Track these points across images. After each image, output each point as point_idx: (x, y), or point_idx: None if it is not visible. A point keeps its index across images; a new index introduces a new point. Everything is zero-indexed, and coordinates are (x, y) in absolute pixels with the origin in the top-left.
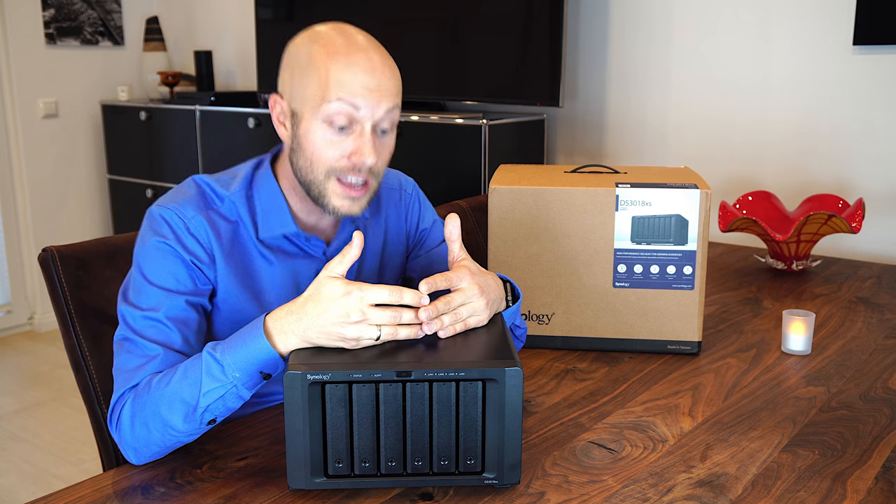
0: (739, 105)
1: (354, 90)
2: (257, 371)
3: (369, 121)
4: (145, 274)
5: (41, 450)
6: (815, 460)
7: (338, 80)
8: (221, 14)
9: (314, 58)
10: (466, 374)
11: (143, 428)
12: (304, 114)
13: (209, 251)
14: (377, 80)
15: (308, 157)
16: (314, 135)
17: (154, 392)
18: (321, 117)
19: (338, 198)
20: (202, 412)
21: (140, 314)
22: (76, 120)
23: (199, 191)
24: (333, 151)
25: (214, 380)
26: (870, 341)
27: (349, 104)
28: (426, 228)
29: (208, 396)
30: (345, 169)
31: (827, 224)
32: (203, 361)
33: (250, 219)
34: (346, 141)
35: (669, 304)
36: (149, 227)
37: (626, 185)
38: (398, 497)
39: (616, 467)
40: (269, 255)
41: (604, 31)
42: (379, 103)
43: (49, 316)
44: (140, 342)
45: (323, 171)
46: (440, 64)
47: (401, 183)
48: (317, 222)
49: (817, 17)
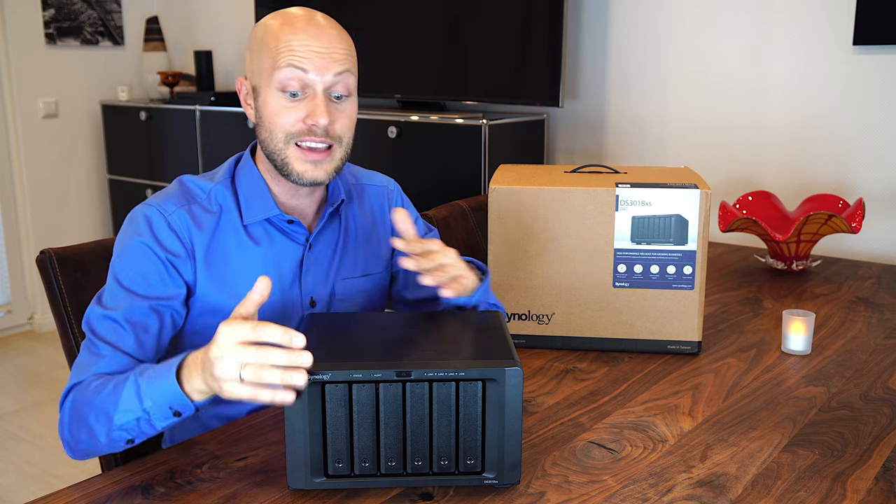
0: (739, 105)
1: (303, 54)
2: (167, 406)
3: (320, 84)
4: (116, 273)
5: (41, 450)
6: (815, 460)
7: (287, 46)
8: (221, 14)
9: (267, 31)
10: (466, 374)
11: (77, 427)
12: (261, 86)
13: (188, 246)
14: (325, 43)
15: (267, 127)
16: (270, 103)
17: (89, 396)
18: (275, 85)
19: (299, 162)
20: (118, 429)
21: (101, 312)
22: (76, 120)
23: (181, 187)
24: (288, 117)
25: (130, 403)
26: (870, 341)
27: (298, 68)
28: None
29: (123, 415)
30: (301, 132)
31: (827, 224)
32: (129, 381)
33: (235, 205)
34: (300, 106)
35: (669, 304)
36: (129, 227)
37: (626, 185)
38: (398, 497)
39: (616, 467)
40: (250, 245)
41: (604, 31)
42: (328, 66)
43: (49, 316)
44: (94, 341)
45: (281, 138)
46: (440, 64)
47: (383, 182)
48: (297, 205)
49: (817, 17)
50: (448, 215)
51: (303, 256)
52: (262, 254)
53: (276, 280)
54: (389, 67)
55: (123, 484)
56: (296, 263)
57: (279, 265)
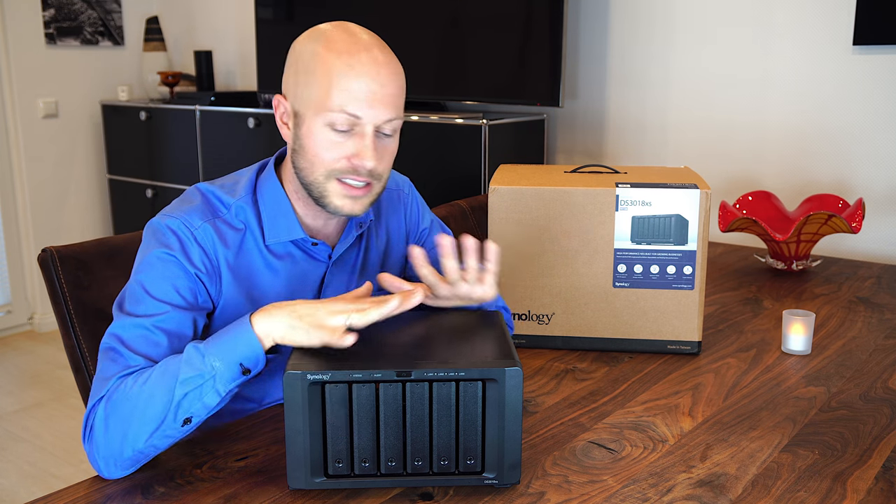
0: (739, 105)
1: (357, 100)
2: (237, 363)
3: (371, 124)
4: (145, 286)
5: (41, 450)
6: (815, 460)
7: (344, 88)
8: (221, 14)
9: (317, 59)
10: (466, 373)
11: (117, 430)
12: (306, 115)
13: (215, 262)
14: (380, 87)
15: (309, 159)
16: (315, 136)
17: (130, 389)
18: (323, 121)
19: (338, 197)
20: (177, 405)
21: (130, 322)
22: (76, 120)
23: (204, 199)
24: (334, 153)
25: (193, 369)
26: (870, 341)
27: (351, 115)
28: (426, 229)
29: (185, 385)
30: (345, 170)
31: (827, 224)
32: (184, 353)
33: (257, 225)
34: (347, 143)
35: (669, 304)
36: (153, 238)
37: (626, 185)
38: (398, 497)
39: (616, 467)
40: (274, 263)
41: (604, 31)
42: (383, 112)
43: (49, 316)
44: (124, 352)
45: (323, 173)
46: (440, 64)
47: (397, 183)
48: (322, 226)
49: (817, 17)
50: (448, 215)
51: (325, 274)
52: (286, 272)
53: (297, 297)
54: None
55: (123, 484)
56: (317, 281)
57: (302, 283)
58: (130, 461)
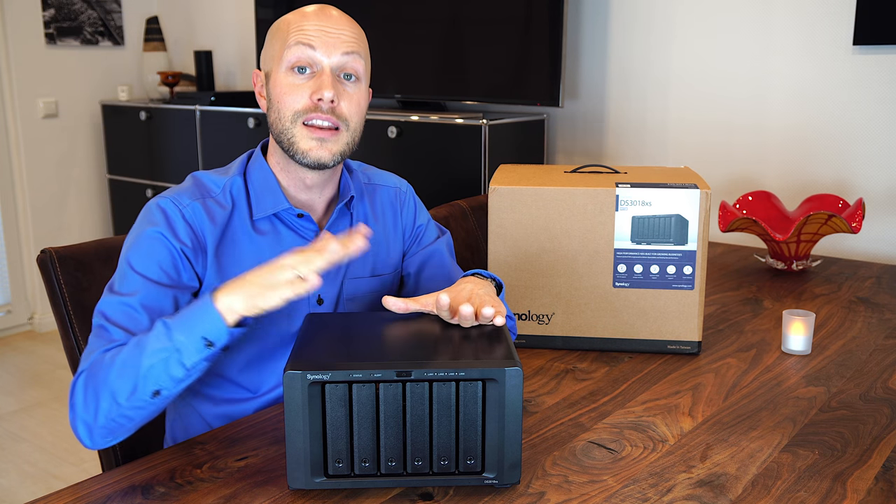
0: (739, 105)
1: (312, 33)
2: (200, 337)
3: (328, 62)
4: (130, 261)
5: (41, 450)
6: (815, 460)
7: (297, 27)
8: (221, 14)
9: (281, 21)
10: (466, 374)
11: (93, 399)
12: (272, 70)
13: (202, 239)
14: (334, 25)
15: (277, 108)
16: (280, 84)
17: (107, 362)
18: (284, 65)
19: (305, 140)
20: (144, 376)
21: (116, 300)
22: (76, 120)
23: (195, 182)
24: (296, 94)
25: (159, 342)
26: (870, 341)
27: (306, 45)
28: (422, 225)
29: (151, 357)
30: (308, 109)
31: (827, 224)
32: (153, 327)
33: (245, 201)
34: (308, 83)
35: (669, 304)
36: (143, 218)
37: (626, 185)
38: (398, 497)
39: (616, 467)
40: (259, 240)
41: (604, 31)
42: (337, 45)
43: (49, 316)
44: (109, 327)
45: (290, 117)
46: (440, 64)
47: (396, 183)
48: (307, 199)
49: (817, 17)
50: (448, 215)
51: None
52: (271, 249)
53: None
54: (390, 67)
55: (123, 484)
56: None
57: None
58: (106, 429)
